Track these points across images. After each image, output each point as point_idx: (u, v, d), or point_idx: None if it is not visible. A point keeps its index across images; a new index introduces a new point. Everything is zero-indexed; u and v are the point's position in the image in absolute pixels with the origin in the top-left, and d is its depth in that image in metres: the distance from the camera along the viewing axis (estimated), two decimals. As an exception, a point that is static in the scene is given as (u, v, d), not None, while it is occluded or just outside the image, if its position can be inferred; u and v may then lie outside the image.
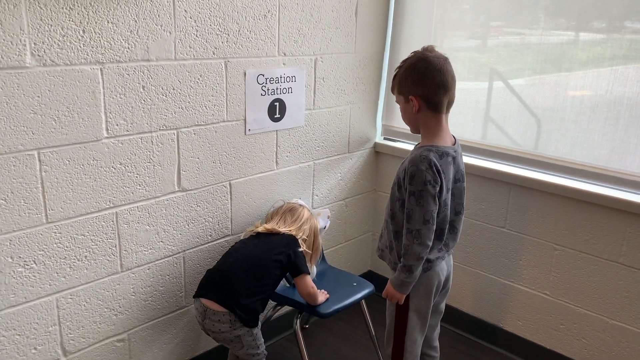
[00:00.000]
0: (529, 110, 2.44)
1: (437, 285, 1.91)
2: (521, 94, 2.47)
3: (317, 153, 2.63)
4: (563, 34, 2.31)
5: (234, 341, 1.99)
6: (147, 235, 2.04)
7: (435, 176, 1.73)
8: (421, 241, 1.75)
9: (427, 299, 1.91)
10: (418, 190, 1.74)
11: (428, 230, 1.75)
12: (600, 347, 2.34)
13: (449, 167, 1.80)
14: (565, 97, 2.32)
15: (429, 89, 1.76)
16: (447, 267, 1.95)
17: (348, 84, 2.69)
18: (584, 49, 2.27)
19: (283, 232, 2.12)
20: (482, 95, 2.60)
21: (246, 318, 1.95)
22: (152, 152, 1.97)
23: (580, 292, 2.36)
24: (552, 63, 2.34)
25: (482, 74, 2.60)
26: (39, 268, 1.77)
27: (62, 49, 1.67)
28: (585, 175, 2.30)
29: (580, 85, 2.27)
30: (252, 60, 2.21)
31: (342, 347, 2.67)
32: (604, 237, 2.25)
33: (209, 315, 1.95)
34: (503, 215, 2.55)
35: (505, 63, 2.52)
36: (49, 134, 1.69)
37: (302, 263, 2.08)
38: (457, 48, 2.69)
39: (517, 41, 2.46)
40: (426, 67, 1.75)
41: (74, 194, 1.80)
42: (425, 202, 1.73)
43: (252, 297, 1.96)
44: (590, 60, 2.25)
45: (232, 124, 2.21)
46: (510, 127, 2.51)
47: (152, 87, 1.91)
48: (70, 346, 1.91)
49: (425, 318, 1.93)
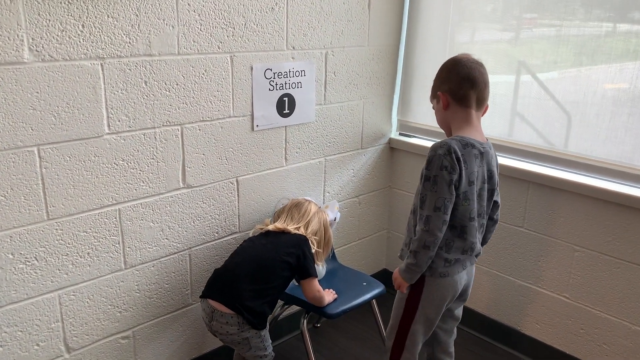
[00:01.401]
0: (560, 105, 2.32)
1: (452, 295, 1.84)
2: (549, 88, 2.34)
3: (328, 149, 2.57)
4: (601, 25, 2.16)
5: (242, 343, 1.95)
6: (152, 232, 2.01)
7: (454, 163, 1.66)
8: (429, 228, 1.67)
9: (438, 308, 1.84)
10: (433, 176, 1.67)
11: (438, 218, 1.66)
12: (621, 353, 2.23)
13: (473, 160, 1.72)
14: (587, 91, 2.20)
15: (454, 83, 1.75)
16: (467, 277, 1.87)
17: (361, 78, 2.61)
18: (620, 40, 2.13)
19: (293, 232, 2.06)
20: (509, 89, 2.49)
21: (254, 321, 1.90)
22: (155, 148, 1.94)
23: (601, 295, 2.25)
24: (586, 55, 2.20)
25: (510, 67, 2.48)
26: (40, 265, 1.76)
27: (61, 44, 1.64)
28: (607, 173, 2.19)
29: (611, 79, 2.15)
30: (260, 55, 2.16)
31: (353, 346, 2.62)
32: (627, 238, 2.14)
33: (217, 317, 1.91)
34: (521, 214, 2.45)
35: (536, 56, 2.39)
36: (48, 130, 1.68)
37: (311, 266, 2.02)
38: (486, 41, 2.58)
39: (552, 33, 2.31)
40: (453, 64, 1.77)
41: (75, 190, 1.78)
42: (439, 188, 1.66)
43: (258, 299, 1.91)
44: (626, 53, 2.11)
45: (239, 119, 2.16)
46: (535, 123, 2.41)
47: (155, 82, 1.88)
48: (73, 343, 1.91)
49: (432, 324, 1.88)
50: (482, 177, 1.77)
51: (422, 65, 2.75)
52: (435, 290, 1.80)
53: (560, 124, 2.30)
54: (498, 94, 2.47)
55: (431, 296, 1.81)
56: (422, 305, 1.82)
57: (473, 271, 1.93)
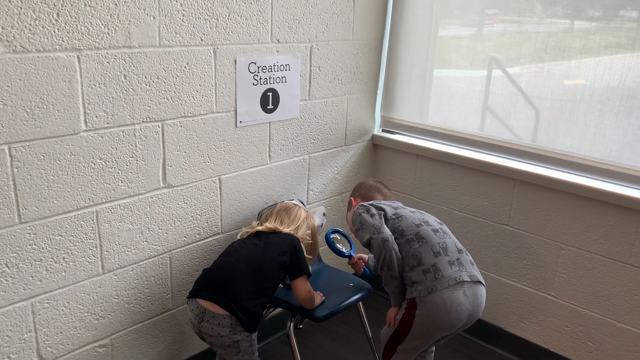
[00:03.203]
0: (529, 101, 2.31)
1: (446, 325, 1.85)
2: (521, 84, 2.34)
3: (312, 146, 2.50)
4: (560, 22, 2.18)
5: (231, 346, 1.87)
6: (130, 234, 1.91)
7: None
8: None
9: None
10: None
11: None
12: (606, 351, 2.24)
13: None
14: (576, 88, 2.19)
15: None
16: (468, 302, 1.84)
17: (345, 73, 2.55)
18: (579, 37, 2.14)
19: (284, 232, 2.00)
20: (481, 84, 2.47)
21: (248, 322, 1.83)
22: (135, 145, 1.83)
23: (587, 293, 2.26)
24: (550, 52, 2.21)
25: (481, 62, 2.46)
26: (11, 272, 1.64)
27: (34, 34, 1.52)
28: (595, 171, 2.19)
29: (584, 75, 2.15)
30: (243, 47, 2.06)
31: (337, 348, 2.56)
32: (613, 237, 2.14)
33: (208, 317, 1.81)
34: (507, 212, 2.43)
35: (505, 51, 2.38)
36: (20, 127, 1.55)
37: (304, 264, 1.96)
38: (455, 36, 2.56)
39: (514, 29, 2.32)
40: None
41: (50, 191, 1.66)
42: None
43: (254, 299, 1.84)
44: (587, 50, 2.12)
45: (222, 115, 2.07)
46: (515, 120, 2.39)
47: (135, 76, 1.77)
48: (47, 353, 1.79)
49: (421, 348, 1.94)
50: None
51: (406, 60, 2.70)
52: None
53: (549, 122, 2.29)
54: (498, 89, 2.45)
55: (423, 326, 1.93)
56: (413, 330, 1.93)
57: (479, 295, 1.93)
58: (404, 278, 1.89)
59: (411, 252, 1.87)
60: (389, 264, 1.87)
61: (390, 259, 1.86)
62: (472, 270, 1.87)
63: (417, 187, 2.73)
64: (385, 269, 1.88)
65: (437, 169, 2.63)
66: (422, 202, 2.71)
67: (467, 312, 1.83)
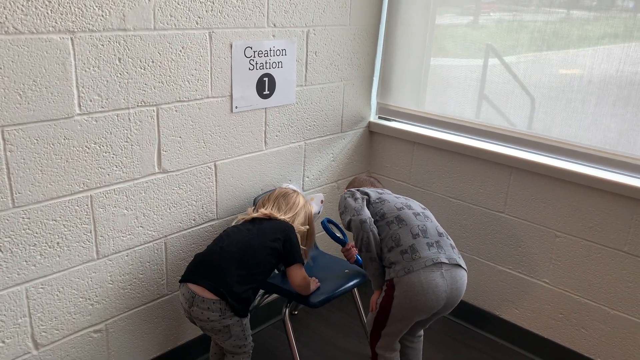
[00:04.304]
0: (526, 89, 2.30)
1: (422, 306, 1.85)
2: (518, 72, 2.33)
3: (308, 132, 2.48)
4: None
5: (222, 331, 1.87)
6: (125, 220, 1.89)
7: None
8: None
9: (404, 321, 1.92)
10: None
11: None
12: (600, 337, 2.26)
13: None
14: (573, 77, 2.18)
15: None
16: (445, 284, 1.83)
17: (342, 59, 2.53)
18: (575, 26, 2.13)
19: (280, 218, 1.99)
20: (477, 72, 2.46)
21: (238, 307, 1.83)
22: (129, 130, 1.81)
23: (581, 280, 2.27)
24: (547, 41, 2.20)
25: (478, 50, 2.45)
26: (5, 256, 1.63)
27: (27, 15, 1.49)
28: (591, 159, 2.19)
29: (581, 64, 2.14)
30: (239, 31, 2.04)
31: (332, 334, 2.57)
32: (609, 224, 2.15)
33: (197, 302, 1.81)
34: (502, 200, 2.43)
35: (501, 40, 2.37)
36: (13, 110, 1.53)
37: (297, 251, 1.95)
38: (451, 24, 2.54)
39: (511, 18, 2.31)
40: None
41: (44, 175, 1.65)
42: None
43: (244, 285, 1.84)
44: (584, 39, 2.12)
45: (218, 100, 2.05)
46: (511, 108, 2.38)
47: (130, 59, 1.75)
48: (42, 338, 1.78)
49: (402, 332, 1.96)
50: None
51: (402, 46, 2.68)
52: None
53: (545, 110, 2.28)
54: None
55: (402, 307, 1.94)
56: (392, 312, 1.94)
57: (458, 279, 1.92)
58: (382, 260, 1.90)
59: (390, 233, 1.89)
60: (367, 245, 1.89)
61: (368, 240, 1.88)
62: (451, 253, 1.87)
63: (413, 174, 2.72)
64: (364, 250, 1.90)
65: (433, 156, 2.62)
66: (418, 189, 2.71)
67: (444, 295, 1.82)
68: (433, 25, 2.58)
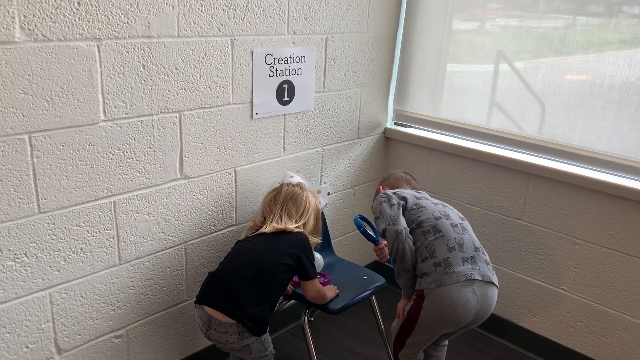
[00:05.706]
0: (541, 96, 2.30)
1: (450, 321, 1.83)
2: (537, 78, 2.33)
3: (326, 139, 2.49)
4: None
5: (242, 350, 1.85)
6: (147, 225, 1.90)
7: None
8: None
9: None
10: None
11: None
12: (620, 346, 2.24)
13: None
14: (594, 83, 2.18)
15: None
16: (476, 301, 1.80)
17: (359, 65, 2.53)
18: (582, 32, 2.13)
19: (295, 231, 1.93)
20: (493, 78, 2.46)
21: (255, 328, 1.80)
22: (152, 136, 1.82)
23: (601, 288, 2.25)
24: (551, 47, 2.19)
25: (494, 56, 2.45)
26: (30, 261, 1.64)
27: (55, 23, 1.51)
28: (611, 166, 2.18)
29: (602, 70, 2.13)
30: (260, 39, 2.05)
31: (349, 341, 2.56)
32: (629, 231, 2.14)
33: (215, 326, 1.79)
34: (521, 207, 2.42)
35: (512, 46, 2.37)
36: (41, 116, 1.55)
37: (311, 267, 1.92)
38: (468, 30, 2.54)
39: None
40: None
41: (69, 181, 1.66)
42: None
43: (260, 304, 1.80)
44: (593, 45, 2.11)
45: (238, 107, 2.06)
46: (530, 115, 2.38)
47: (154, 66, 1.76)
48: (64, 344, 1.79)
49: (427, 343, 1.94)
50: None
51: (419, 53, 2.69)
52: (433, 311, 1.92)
53: (565, 116, 2.28)
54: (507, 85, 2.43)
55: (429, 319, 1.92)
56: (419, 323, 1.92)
57: (489, 295, 1.89)
58: (415, 269, 1.88)
59: (425, 243, 1.85)
60: (402, 256, 1.86)
61: (403, 251, 1.85)
62: (485, 270, 1.84)
63: (430, 180, 2.72)
64: (398, 261, 1.87)
65: (450, 163, 2.62)
66: (434, 195, 2.70)
67: (474, 311, 1.80)
68: (450, 31, 2.59)
